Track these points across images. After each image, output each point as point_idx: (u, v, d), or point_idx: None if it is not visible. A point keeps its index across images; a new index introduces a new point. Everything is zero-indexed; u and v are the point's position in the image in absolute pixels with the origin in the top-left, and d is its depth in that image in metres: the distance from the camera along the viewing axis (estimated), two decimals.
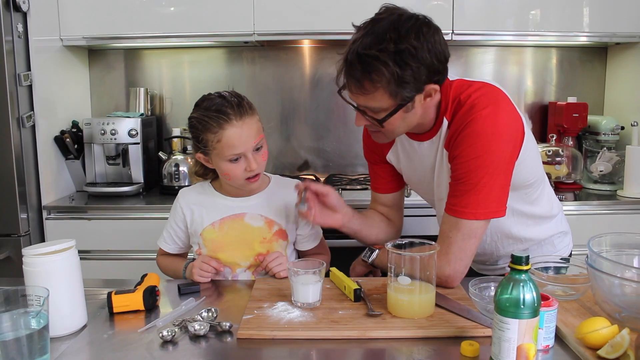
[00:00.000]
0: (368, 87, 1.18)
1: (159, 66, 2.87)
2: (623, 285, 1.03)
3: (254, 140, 1.39)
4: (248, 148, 1.38)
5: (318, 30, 2.43)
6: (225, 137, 1.35)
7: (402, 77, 1.14)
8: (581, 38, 2.52)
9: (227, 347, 1.06)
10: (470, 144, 1.22)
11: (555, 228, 1.50)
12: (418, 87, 1.18)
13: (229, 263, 1.49)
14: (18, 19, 2.17)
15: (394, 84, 1.15)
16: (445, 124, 1.30)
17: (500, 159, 1.22)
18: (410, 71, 1.14)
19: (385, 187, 1.57)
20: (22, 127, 2.20)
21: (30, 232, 2.25)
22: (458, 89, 1.28)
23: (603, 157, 2.50)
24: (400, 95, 1.18)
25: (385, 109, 1.21)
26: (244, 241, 1.48)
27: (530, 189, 1.38)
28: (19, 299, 0.98)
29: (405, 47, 1.13)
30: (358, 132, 2.82)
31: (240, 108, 1.38)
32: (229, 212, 1.49)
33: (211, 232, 1.49)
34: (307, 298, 1.19)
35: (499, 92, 1.27)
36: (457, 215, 1.24)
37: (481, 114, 1.21)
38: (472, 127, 1.22)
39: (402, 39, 1.13)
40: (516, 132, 1.25)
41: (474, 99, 1.24)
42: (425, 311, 1.14)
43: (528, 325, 0.90)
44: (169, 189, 2.52)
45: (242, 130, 1.36)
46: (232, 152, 1.36)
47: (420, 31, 1.15)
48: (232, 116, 1.36)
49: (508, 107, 1.25)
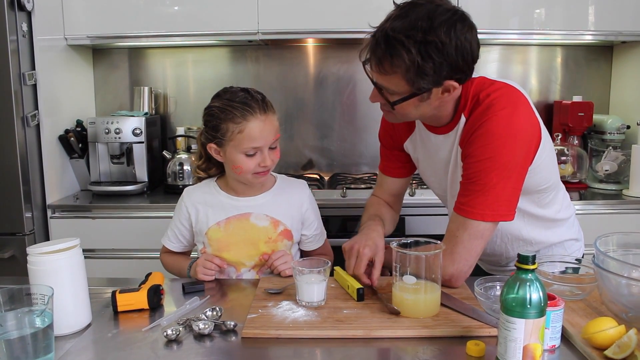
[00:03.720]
0: (387, 68, 1.17)
1: (163, 65, 2.87)
2: (630, 285, 1.03)
3: (273, 137, 1.41)
4: (266, 143, 1.40)
5: (322, 29, 2.42)
6: (248, 129, 1.37)
7: (422, 67, 1.13)
8: (586, 36, 2.50)
9: (231, 346, 1.06)
10: (484, 144, 1.21)
11: (566, 233, 1.48)
12: (437, 80, 1.17)
13: (233, 262, 1.49)
14: (22, 18, 2.18)
15: (412, 72, 1.14)
16: (463, 121, 1.28)
17: (513, 162, 1.21)
18: (432, 64, 1.13)
19: (396, 172, 1.56)
20: (27, 126, 2.21)
21: (35, 231, 2.26)
22: (479, 86, 1.27)
23: (609, 156, 2.49)
24: (417, 84, 1.16)
25: (399, 93, 1.20)
26: (249, 241, 1.48)
27: (544, 193, 1.37)
28: (23, 298, 0.98)
29: (433, 40, 1.11)
30: (362, 131, 2.83)
31: (264, 104, 1.42)
32: (235, 211, 1.49)
33: (216, 232, 1.48)
34: (311, 297, 1.19)
35: (519, 94, 1.25)
36: (465, 215, 1.23)
37: (498, 115, 1.20)
38: (486, 127, 1.21)
39: (433, 31, 1.11)
40: (531, 137, 1.23)
41: (492, 98, 1.23)
42: (430, 310, 1.13)
43: (534, 325, 0.89)
44: (173, 188, 2.52)
45: (265, 125, 1.39)
46: (252, 144, 1.38)
47: (454, 27, 1.13)
48: (257, 109, 1.39)
49: (526, 110, 1.23)
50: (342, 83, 2.83)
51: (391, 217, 1.58)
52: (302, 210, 1.53)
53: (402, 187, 1.60)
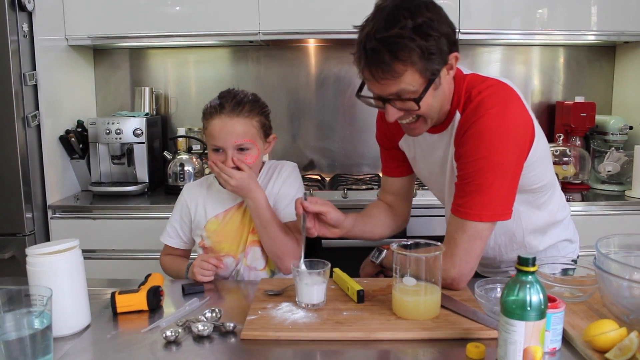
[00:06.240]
0: (399, 68, 1.14)
1: (164, 66, 2.88)
2: (631, 287, 1.02)
3: (235, 139, 1.42)
4: (227, 144, 1.42)
5: (323, 30, 2.43)
6: (210, 126, 1.44)
7: (428, 49, 1.13)
8: (589, 37, 2.49)
9: (230, 347, 1.05)
10: (476, 143, 1.20)
11: (560, 234, 1.47)
12: (443, 58, 1.17)
13: (233, 252, 1.51)
14: (23, 19, 2.18)
15: (423, 59, 1.14)
16: (457, 118, 1.28)
17: (507, 160, 1.20)
18: (434, 41, 1.13)
19: (395, 171, 1.55)
20: (28, 126, 2.21)
21: (35, 231, 2.26)
22: (471, 82, 1.27)
23: (611, 157, 2.48)
24: (429, 69, 1.16)
25: (416, 90, 1.18)
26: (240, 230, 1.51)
27: (539, 193, 1.36)
28: (22, 299, 0.98)
29: (423, 20, 1.12)
30: (363, 132, 2.82)
31: (237, 106, 1.43)
32: (232, 202, 1.53)
33: (214, 224, 1.52)
34: (311, 299, 1.18)
35: (511, 91, 1.24)
36: (462, 217, 1.23)
37: (488, 113, 1.19)
38: (477, 126, 1.20)
39: (416, 13, 1.12)
40: (524, 134, 1.23)
41: (483, 96, 1.22)
42: (430, 312, 1.13)
43: (535, 327, 0.88)
44: (173, 189, 2.51)
45: (225, 125, 1.42)
46: (212, 142, 1.44)
47: (428, 5, 1.16)
48: (223, 110, 1.42)
49: (518, 107, 1.22)
50: (343, 83, 2.82)
51: (384, 215, 1.56)
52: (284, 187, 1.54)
53: (404, 186, 1.58)
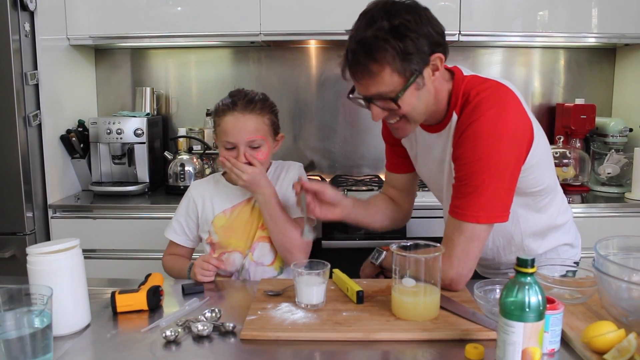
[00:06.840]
0: (374, 68, 1.16)
1: (165, 66, 2.88)
2: (630, 289, 1.02)
3: (248, 135, 1.44)
4: (240, 140, 1.44)
5: (324, 31, 2.43)
6: (223, 123, 1.46)
7: (404, 49, 1.14)
8: (589, 39, 2.50)
9: (230, 347, 1.06)
10: (473, 145, 1.20)
11: (561, 238, 1.46)
12: (423, 58, 1.17)
13: (240, 248, 1.52)
14: (25, 18, 2.18)
15: (399, 59, 1.15)
16: (455, 119, 1.28)
17: (504, 162, 1.20)
18: (410, 42, 1.14)
19: (399, 167, 1.56)
20: (29, 126, 2.21)
21: (36, 230, 2.26)
22: (470, 83, 1.27)
23: (611, 159, 2.49)
24: (408, 69, 1.16)
25: (394, 90, 1.19)
26: (249, 225, 1.52)
27: (539, 196, 1.35)
28: (22, 298, 0.98)
29: (399, 22, 1.14)
30: (364, 133, 2.83)
31: (249, 104, 1.46)
32: (240, 198, 1.54)
33: (221, 219, 1.53)
34: (311, 299, 1.18)
35: (509, 93, 1.24)
36: (459, 218, 1.23)
37: (485, 115, 1.19)
38: (474, 127, 1.20)
39: (394, 15, 1.14)
40: (522, 136, 1.22)
41: (481, 97, 1.22)
42: (429, 313, 1.13)
43: (533, 328, 0.89)
44: (174, 189, 2.52)
45: (238, 121, 1.44)
46: (225, 138, 1.45)
47: (410, 8, 1.17)
48: (235, 107, 1.45)
49: (515, 109, 1.22)
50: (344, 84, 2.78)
51: (385, 205, 1.58)
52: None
53: (407, 182, 1.59)
